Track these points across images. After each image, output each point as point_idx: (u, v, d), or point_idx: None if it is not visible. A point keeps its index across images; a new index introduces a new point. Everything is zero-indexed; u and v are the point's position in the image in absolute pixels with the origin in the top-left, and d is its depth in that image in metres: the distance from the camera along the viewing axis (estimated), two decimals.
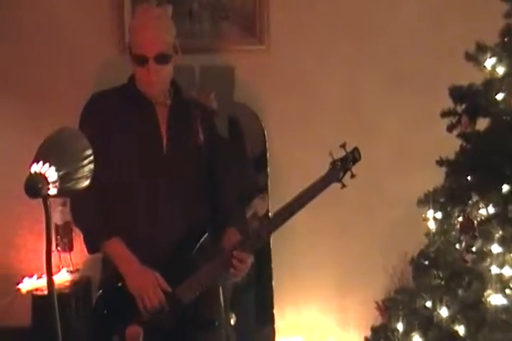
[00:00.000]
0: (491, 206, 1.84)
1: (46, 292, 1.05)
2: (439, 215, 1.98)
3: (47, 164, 1.00)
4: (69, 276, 2.71)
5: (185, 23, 2.81)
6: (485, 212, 1.86)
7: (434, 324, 1.85)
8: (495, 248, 1.80)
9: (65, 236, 2.70)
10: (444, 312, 1.84)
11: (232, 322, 2.59)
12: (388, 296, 2.16)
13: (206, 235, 1.79)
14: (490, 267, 1.80)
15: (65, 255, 2.74)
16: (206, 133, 1.83)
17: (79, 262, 2.76)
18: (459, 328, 1.81)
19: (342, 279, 2.88)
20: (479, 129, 1.98)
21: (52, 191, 1.00)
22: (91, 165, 1.07)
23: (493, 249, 1.80)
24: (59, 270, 2.72)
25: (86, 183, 1.06)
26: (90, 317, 1.96)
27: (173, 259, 1.76)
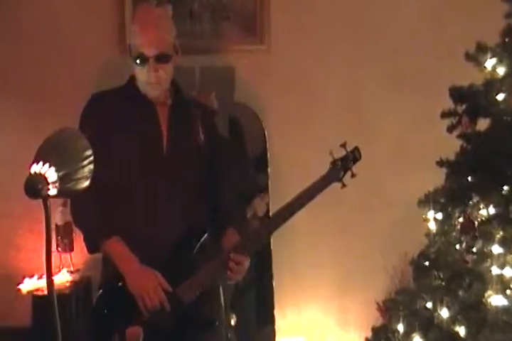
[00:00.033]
0: (492, 207, 1.84)
1: (46, 292, 1.05)
2: (440, 216, 1.98)
3: (47, 164, 1.00)
4: (69, 277, 2.71)
5: (185, 24, 2.81)
6: (485, 213, 1.86)
7: (435, 325, 1.85)
8: (495, 248, 1.80)
9: (66, 236, 2.70)
10: (445, 313, 1.84)
11: (232, 322, 2.59)
12: (389, 297, 2.16)
13: (206, 235, 1.79)
14: (490, 268, 1.80)
15: (66, 255, 2.74)
16: (206, 133, 1.83)
17: (79, 262, 2.76)
18: (460, 329, 1.81)
19: (342, 279, 2.88)
20: (480, 130, 1.98)
21: (52, 191, 1.00)
22: (91, 165, 1.07)
23: (493, 250, 1.80)
24: (59, 270, 2.72)
25: (86, 184, 1.06)
26: (90, 317, 1.95)
27: (173, 259, 1.76)
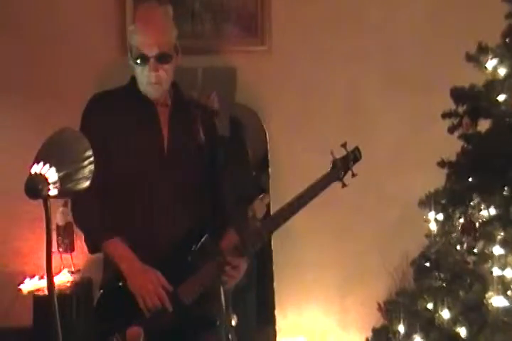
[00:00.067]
0: (493, 207, 1.84)
1: (47, 293, 1.05)
2: (441, 217, 1.97)
3: (47, 165, 1.00)
4: (70, 277, 2.70)
5: (187, 24, 2.81)
6: (486, 214, 1.86)
7: (436, 326, 1.85)
8: (496, 250, 1.80)
9: (67, 236, 2.70)
10: (446, 314, 1.84)
11: (233, 322, 2.58)
12: (389, 297, 2.16)
13: (206, 235, 1.79)
14: (491, 269, 1.79)
15: (67, 255, 2.74)
16: (207, 133, 1.83)
17: (80, 263, 2.76)
18: (461, 330, 1.81)
19: (343, 279, 2.88)
20: (480, 131, 1.98)
21: (52, 192, 1.00)
22: (91, 166, 1.07)
23: (494, 251, 1.80)
24: (60, 270, 2.72)
25: (86, 184, 1.06)
26: (91, 317, 1.95)
27: (173, 259, 1.76)
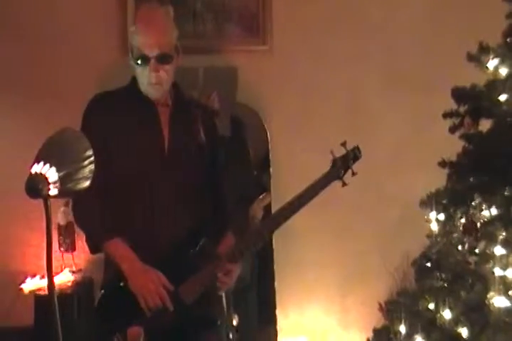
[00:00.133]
0: (494, 207, 1.84)
1: (47, 292, 1.05)
2: (442, 217, 1.97)
3: (48, 164, 1.00)
4: (71, 276, 2.71)
5: (188, 24, 2.82)
6: (488, 214, 1.85)
7: (437, 326, 1.85)
8: (498, 250, 1.80)
9: (68, 236, 2.70)
10: (447, 314, 1.83)
11: (234, 322, 2.58)
12: (390, 297, 2.15)
13: (204, 239, 1.79)
14: (493, 269, 1.79)
15: (68, 255, 2.74)
16: (207, 133, 1.83)
17: (81, 262, 2.76)
18: (462, 330, 1.80)
19: (344, 279, 2.88)
20: (482, 130, 1.97)
21: (52, 192, 1.00)
22: (92, 165, 1.07)
23: (496, 251, 1.80)
24: (61, 270, 2.72)
25: (87, 184, 1.06)
26: (92, 317, 1.95)
27: (174, 259, 1.76)
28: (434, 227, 1.99)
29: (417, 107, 2.83)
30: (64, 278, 2.68)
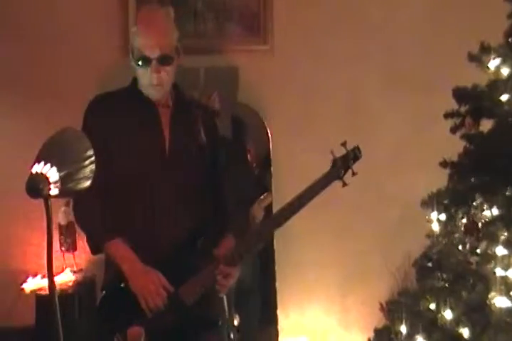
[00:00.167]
0: (496, 208, 1.83)
1: (48, 292, 1.05)
2: (443, 217, 1.97)
3: (48, 164, 1.00)
4: (72, 276, 2.71)
5: (189, 24, 2.82)
6: (489, 214, 1.85)
7: (438, 326, 1.84)
8: (499, 250, 1.79)
9: (69, 236, 2.70)
10: (448, 314, 1.83)
11: (235, 322, 2.58)
12: (391, 297, 2.15)
13: (202, 238, 1.79)
14: (494, 269, 1.79)
15: (69, 255, 2.74)
16: (208, 134, 1.82)
17: (82, 262, 2.76)
18: (464, 330, 1.80)
19: (345, 279, 2.88)
20: (483, 131, 1.97)
21: (53, 191, 1.00)
22: (92, 165, 1.07)
23: (497, 251, 1.80)
24: (62, 270, 2.72)
25: (87, 184, 1.06)
26: (94, 317, 1.95)
27: (174, 260, 1.76)
28: (436, 227, 1.99)
29: (418, 107, 2.83)
30: (65, 278, 2.68)
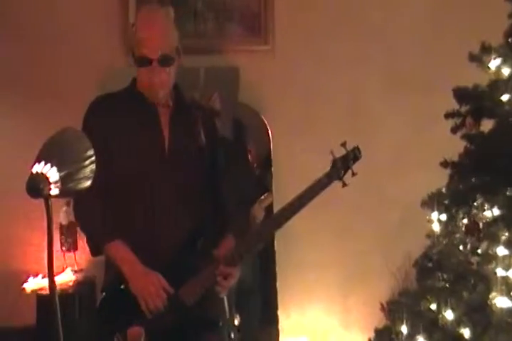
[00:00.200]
0: (496, 208, 1.83)
1: (48, 292, 1.05)
2: (444, 217, 1.97)
3: (49, 164, 1.00)
4: (73, 276, 2.71)
5: (189, 24, 2.82)
6: (490, 214, 1.85)
7: (439, 327, 1.84)
8: (500, 250, 1.79)
9: (70, 235, 2.70)
10: (449, 314, 1.83)
11: (236, 322, 2.58)
12: (392, 297, 2.15)
13: (202, 239, 1.79)
14: (495, 269, 1.79)
15: (70, 255, 2.74)
16: (208, 134, 1.82)
17: (83, 262, 2.76)
18: (464, 331, 1.80)
19: (346, 279, 2.87)
20: (483, 131, 1.97)
21: (53, 191, 1.00)
22: (93, 165, 1.07)
23: (498, 251, 1.79)
24: (63, 269, 2.73)
25: (88, 184, 1.06)
26: (94, 319, 1.95)
27: (174, 261, 1.75)
28: (436, 228, 1.98)
29: (418, 108, 2.83)
30: (66, 278, 2.68)
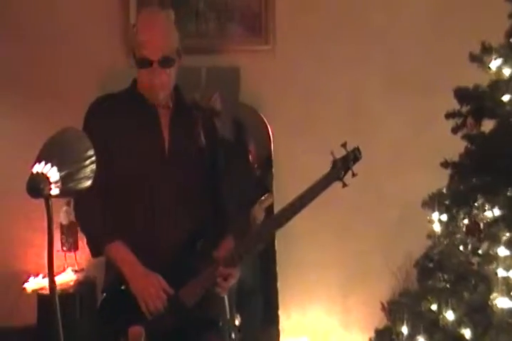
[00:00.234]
0: (497, 208, 1.83)
1: (49, 292, 1.05)
2: (445, 217, 1.97)
3: (49, 164, 1.00)
4: (73, 276, 2.71)
5: (191, 24, 2.82)
6: (491, 215, 1.85)
7: (440, 327, 1.84)
8: (501, 250, 1.79)
9: (70, 235, 2.70)
10: (450, 315, 1.83)
11: (236, 322, 2.58)
12: (392, 297, 2.15)
13: (202, 240, 1.79)
14: (496, 270, 1.79)
15: (70, 254, 2.74)
16: (208, 135, 1.82)
17: (84, 262, 2.76)
18: (465, 331, 1.80)
19: (346, 279, 2.87)
20: (484, 131, 1.97)
21: (54, 191, 1.00)
22: (93, 165, 1.07)
23: (499, 252, 1.79)
24: (64, 269, 2.73)
25: (88, 183, 1.06)
26: (94, 320, 1.95)
27: (174, 262, 1.76)
28: (437, 228, 1.98)
29: (419, 109, 2.83)
30: (66, 278, 2.68)
